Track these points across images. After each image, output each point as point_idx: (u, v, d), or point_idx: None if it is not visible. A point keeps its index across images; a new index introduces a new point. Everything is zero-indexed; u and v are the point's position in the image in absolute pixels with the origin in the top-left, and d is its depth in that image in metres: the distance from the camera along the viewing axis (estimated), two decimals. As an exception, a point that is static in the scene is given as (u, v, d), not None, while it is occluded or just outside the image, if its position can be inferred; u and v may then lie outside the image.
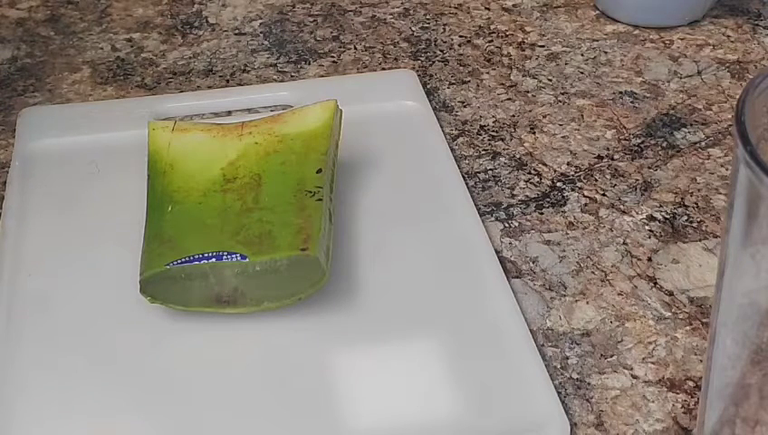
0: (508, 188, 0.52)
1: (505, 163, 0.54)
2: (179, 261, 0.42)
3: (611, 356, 0.43)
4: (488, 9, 0.67)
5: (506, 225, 0.50)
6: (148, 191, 0.46)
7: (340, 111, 0.49)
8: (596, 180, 0.52)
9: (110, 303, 0.44)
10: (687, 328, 0.44)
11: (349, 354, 0.43)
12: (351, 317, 0.44)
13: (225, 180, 0.46)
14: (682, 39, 0.64)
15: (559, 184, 0.52)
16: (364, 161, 0.52)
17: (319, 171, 0.46)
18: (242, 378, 0.41)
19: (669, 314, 0.45)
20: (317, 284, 0.42)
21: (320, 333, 0.43)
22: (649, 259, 0.48)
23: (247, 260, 0.41)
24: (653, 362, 0.43)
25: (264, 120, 0.48)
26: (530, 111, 0.57)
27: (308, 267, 0.42)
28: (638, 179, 0.52)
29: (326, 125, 0.48)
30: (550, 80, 0.60)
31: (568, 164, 0.53)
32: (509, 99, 0.58)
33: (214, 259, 0.42)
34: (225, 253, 0.42)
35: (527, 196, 0.51)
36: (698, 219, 0.50)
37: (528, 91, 0.59)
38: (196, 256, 0.42)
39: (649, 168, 0.53)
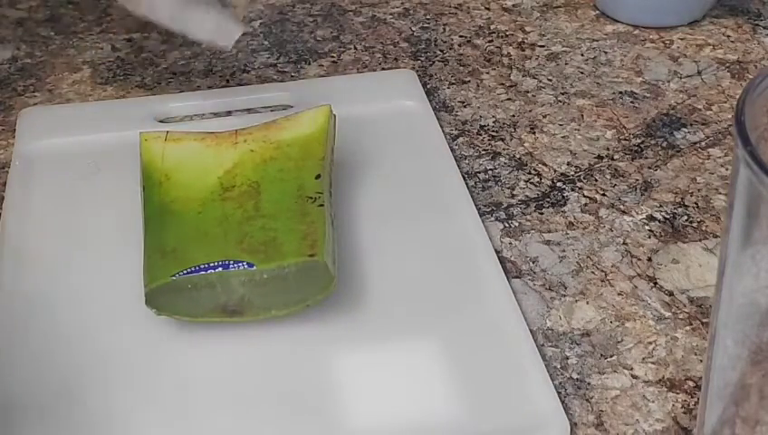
0: (508, 188, 0.52)
1: (505, 163, 0.54)
2: (185, 271, 0.41)
3: (611, 356, 0.43)
4: (488, 9, 0.67)
5: (506, 225, 0.50)
6: (144, 202, 0.45)
7: (334, 115, 0.49)
8: (596, 180, 0.52)
9: (111, 303, 0.44)
10: (687, 328, 0.44)
11: (349, 355, 0.43)
12: (351, 318, 0.44)
13: (223, 189, 0.45)
14: (682, 39, 0.64)
15: (559, 184, 0.52)
16: (364, 161, 0.52)
17: (318, 177, 0.45)
18: (244, 382, 0.41)
19: (669, 314, 0.45)
20: (325, 289, 0.42)
21: (319, 333, 0.43)
22: (649, 259, 0.48)
23: (254, 268, 0.41)
24: (653, 362, 0.43)
25: (257, 128, 0.48)
26: (530, 111, 0.57)
27: (316, 273, 0.41)
28: (638, 179, 0.52)
29: (321, 129, 0.47)
30: (550, 80, 0.60)
31: (568, 164, 0.53)
32: (509, 99, 0.58)
33: (220, 268, 0.41)
34: (232, 261, 0.41)
35: (527, 196, 0.51)
36: (698, 219, 0.50)
37: (528, 91, 0.59)
38: (203, 266, 0.41)
39: (649, 168, 0.53)
